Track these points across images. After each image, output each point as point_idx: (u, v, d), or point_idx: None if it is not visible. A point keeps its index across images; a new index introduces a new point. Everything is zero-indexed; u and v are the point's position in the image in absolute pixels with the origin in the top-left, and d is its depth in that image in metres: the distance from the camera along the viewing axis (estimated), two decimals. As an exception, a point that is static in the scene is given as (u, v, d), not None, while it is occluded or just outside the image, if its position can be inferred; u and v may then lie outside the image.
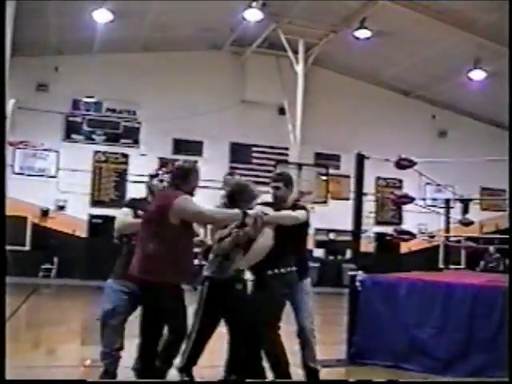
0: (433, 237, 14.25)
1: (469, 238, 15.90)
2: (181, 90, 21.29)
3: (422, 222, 19.99)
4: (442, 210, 12.02)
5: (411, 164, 7.95)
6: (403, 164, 7.91)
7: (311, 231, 22.30)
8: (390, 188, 22.90)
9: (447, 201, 12.06)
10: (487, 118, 25.48)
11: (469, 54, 19.41)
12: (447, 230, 11.38)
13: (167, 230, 4.66)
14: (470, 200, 13.07)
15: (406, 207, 19.24)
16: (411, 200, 8.78)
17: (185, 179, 4.97)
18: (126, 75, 20.61)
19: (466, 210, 11.78)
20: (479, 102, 23.58)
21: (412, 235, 8.65)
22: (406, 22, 18.30)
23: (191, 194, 4.97)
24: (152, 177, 5.51)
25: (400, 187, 22.62)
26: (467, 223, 11.40)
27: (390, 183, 23.40)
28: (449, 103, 24.63)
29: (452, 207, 12.19)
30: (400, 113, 23.72)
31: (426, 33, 18.58)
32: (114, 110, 21.47)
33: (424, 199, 16.18)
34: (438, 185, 15.73)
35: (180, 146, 21.96)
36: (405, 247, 21.46)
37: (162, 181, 5.42)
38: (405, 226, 17.84)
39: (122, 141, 21.58)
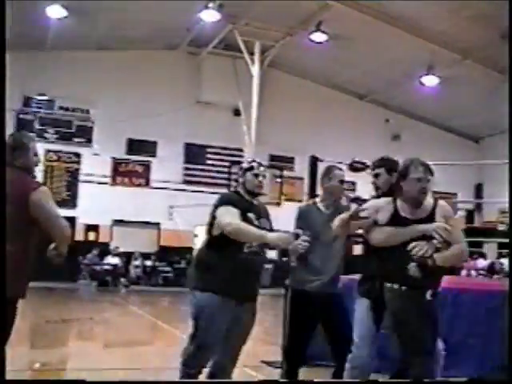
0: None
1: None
2: (135, 90, 21.14)
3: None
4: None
5: (364, 167, 7.98)
6: (356, 167, 7.94)
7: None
8: (345, 191, 23.05)
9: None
10: (439, 122, 25.95)
11: (422, 60, 19.73)
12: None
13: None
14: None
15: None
16: (364, 202, 8.84)
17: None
18: (79, 73, 20.33)
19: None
20: (432, 107, 23.97)
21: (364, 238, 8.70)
22: (361, 27, 18.51)
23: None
24: (246, 170, 4.64)
25: (353, 190, 22.79)
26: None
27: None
28: (402, 107, 25.00)
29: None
30: (354, 116, 23.96)
31: (381, 38, 18.82)
32: (66, 109, 21.17)
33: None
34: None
35: (134, 145, 21.80)
36: (358, 249, 21.64)
37: (257, 175, 4.62)
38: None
39: (75, 140, 21.29)
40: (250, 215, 4.41)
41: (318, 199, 5.24)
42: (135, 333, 10.32)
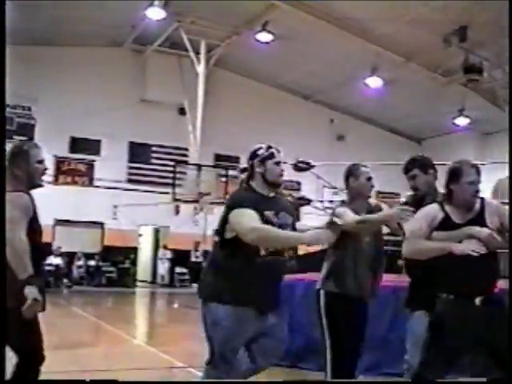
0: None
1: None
2: (79, 87, 20.79)
3: (319, 224, 20.34)
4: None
5: (309, 167, 8.06)
6: (301, 166, 8.01)
7: (209, 232, 22.35)
8: (289, 190, 23.17)
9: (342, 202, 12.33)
10: (383, 123, 26.35)
11: (367, 62, 19.99)
12: (343, 231, 11.63)
13: None
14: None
15: (304, 209, 19.52)
16: (309, 202, 8.92)
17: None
18: (21, 69, 19.82)
19: (361, 213, 12.07)
20: (376, 108, 24.32)
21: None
22: (307, 28, 18.63)
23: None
24: (265, 159, 4.16)
25: (298, 189, 22.94)
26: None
27: (289, 185, 23.67)
28: (347, 108, 25.29)
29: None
30: (300, 116, 24.12)
31: (327, 39, 18.99)
32: (7, 105, 20.64)
33: (322, 201, 16.47)
34: (335, 188, 16.05)
35: (77, 144, 21.46)
36: (302, 249, 21.74)
37: (278, 163, 4.24)
38: (302, 228, 18.10)
39: (16, 137, 20.76)
40: (268, 213, 3.90)
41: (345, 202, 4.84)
42: (78, 334, 10.14)
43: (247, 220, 3.74)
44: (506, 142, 23.22)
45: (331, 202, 15.37)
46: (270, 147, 4.19)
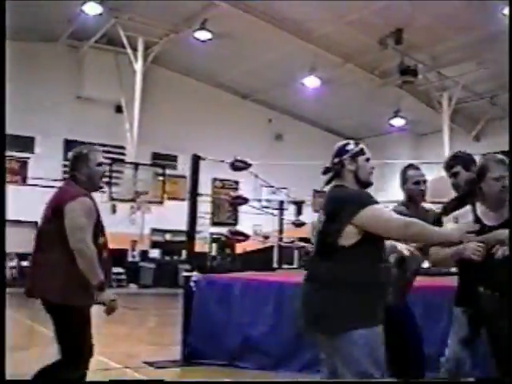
0: (267, 237, 14.57)
1: (301, 239, 16.44)
2: (12, 82, 20.16)
3: (257, 223, 20.36)
4: (276, 212, 12.32)
5: (246, 166, 8.05)
6: (238, 166, 8.00)
7: (147, 231, 22.14)
8: (226, 189, 23.20)
9: (281, 202, 12.41)
10: (321, 123, 26.60)
11: (305, 62, 20.13)
12: (281, 230, 11.72)
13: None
14: (303, 202, 13.50)
15: (242, 208, 19.48)
16: (246, 201, 8.91)
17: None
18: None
19: (299, 212, 12.17)
20: (314, 108, 24.53)
21: (246, 236, 8.77)
22: (246, 27, 18.65)
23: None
24: (355, 155, 3.59)
25: (236, 188, 22.95)
26: (300, 224, 11.79)
27: (227, 184, 23.68)
28: (285, 108, 25.42)
29: (286, 209, 12.55)
30: (238, 115, 24.12)
31: (265, 38, 19.03)
32: None
33: (259, 200, 16.50)
34: (272, 186, 16.12)
35: (9, 141, 20.80)
36: (240, 248, 21.79)
37: (368, 159, 3.60)
38: (240, 227, 18.12)
39: None
40: None
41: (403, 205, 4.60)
42: (12, 337, 9.87)
43: (393, 215, 3.41)
44: (439, 142, 23.88)
45: (269, 201, 15.42)
46: (357, 143, 3.62)
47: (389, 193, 11.50)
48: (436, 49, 19.42)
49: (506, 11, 15.99)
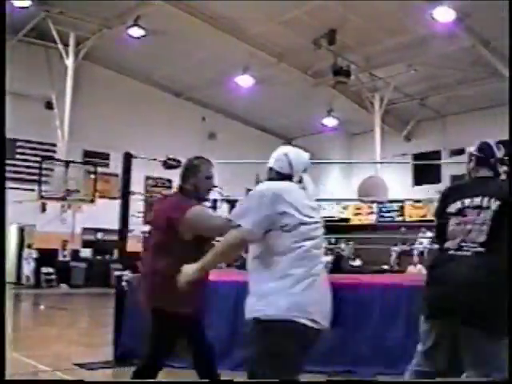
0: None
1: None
2: None
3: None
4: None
5: (178, 164, 7.98)
6: (170, 164, 7.92)
7: (78, 231, 21.74)
8: (159, 188, 22.98)
9: (215, 201, 12.36)
10: (254, 122, 26.70)
11: (239, 60, 20.16)
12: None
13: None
14: (236, 201, 13.49)
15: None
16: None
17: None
18: None
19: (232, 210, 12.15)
20: (247, 107, 24.59)
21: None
22: (180, 24, 18.52)
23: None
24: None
25: (169, 187, 22.76)
26: (233, 223, 11.77)
27: (160, 183, 23.47)
28: (219, 106, 25.39)
29: (219, 207, 12.51)
30: (171, 113, 23.94)
31: (200, 36, 18.95)
32: None
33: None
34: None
35: None
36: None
37: None
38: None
39: None
40: None
41: None
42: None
43: None
44: (370, 142, 24.30)
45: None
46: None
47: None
48: (368, 50, 19.76)
49: (436, 15, 16.42)
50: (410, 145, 25.78)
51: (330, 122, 24.95)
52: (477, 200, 3.24)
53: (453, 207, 3.32)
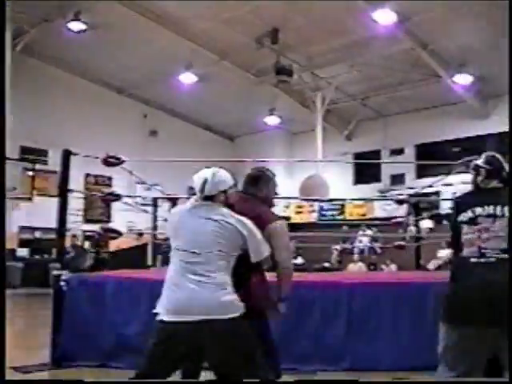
0: (141, 235, 14.38)
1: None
2: None
3: (131, 219, 20.05)
4: (150, 209, 12.18)
5: (119, 162, 7.86)
6: (111, 161, 7.79)
7: (15, 229, 21.21)
8: (100, 185, 22.63)
9: (155, 199, 12.27)
10: (196, 120, 26.57)
11: (181, 58, 20.03)
12: (155, 227, 11.60)
13: None
14: (178, 198, 13.39)
15: (115, 205, 19.19)
16: (118, 198, 8.70)
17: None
18: None
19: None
20: (189, 105, 24.47)
21: (119, 233, 8.58)
22: (122, 20, 18.26)
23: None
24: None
25: (109, 185, 22.45)
26: (174, 221, 11.70)
27: (100, 181, 23.13)
28: (161, 103, 25.17)
29: (160, 205, 12.41)
30: (113, 110, 23.59)
31: (142, 33, 18.75)
32: None
33: (133, 197, 16.24)
34: (144, 183, 15.91)
35: None
36: (114, 245, 21.35)
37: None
38: (114, 224, 17.78)
39: None
40: None
41: None
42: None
43: None
44: (312, 141, 24.46)
45: (144, 198, 15.23)
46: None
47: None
48: (311, 50, 19.90)
49: (377, 17, 16.65)
50: (351, 144, 26.11)
51: (273, 120, 25.05)
52: (489, 208, 3.40)
53: (464, 216, 3.45)
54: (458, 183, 15.60)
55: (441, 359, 3.43)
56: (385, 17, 16.68)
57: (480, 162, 3.67)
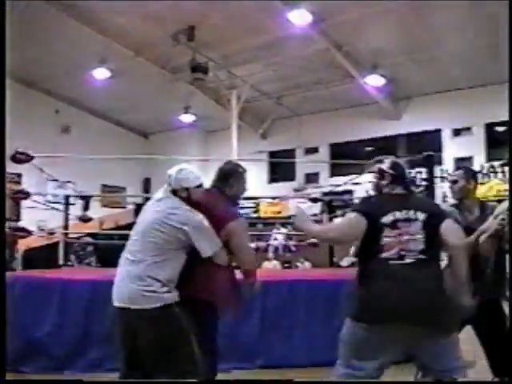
0: (52, 233, 14.00)
1: (89, 234, 16.03)
2: None
3: (41, 218, 19.48)
4: (62, 207, 11.89)
5: (28, 158, 7.63)
6: (19, 158, 7.55)
7: None
8: (8, 183, 21.82)
9: (67, 197, 11.99)
10: (110, 116, 26.09)
11: (95, 52, 19.60)
12: (66, 226, 11.34)
13: None
14: (91, 197, 13.13)
15: (25, 203, 18.57)
16: (27, 195, 8.46)
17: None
18: None
19: (86, 207, 11.82)
20: (103, 101, 24.00)
21: (28, 232, 8.33)
22: (34, 12, 17.66)
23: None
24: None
25: (19, 182, 21.74)
26: (86, 219, 11.51)
27: (8, 178, 22.29)
28: (73, 99, 24.54)
29: (73, 204, 12.14)
30: (22, 105, 22.81)
31: (53, 25, 18.21)
32: None
33: (45, 195, 15.77)
34: (56, 180, 15.51)
35: None
36: (24, 245, 20.69)
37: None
38: (23, 223, 17.23)
39: None
40: None
41: None
42: None
43: None
44: (227, 139, 24.39)
45: (56, 196, 14.84)
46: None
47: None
48: (227, 48, 19.89)
49: (292, 17, 16.81)
50: (266, 143, 26.30)
51: (188, 118, 24.90)
52: (405, 213, 3.56)
53: (386, 219, 3.55)
54: (369, 182, 15.96)
55: (345, 354, 3.51)
56: (300, 17, 16.85)
57: (385, 166, 3.79)
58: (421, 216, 3.53)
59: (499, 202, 4.20)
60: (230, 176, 4.32)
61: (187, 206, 3.88)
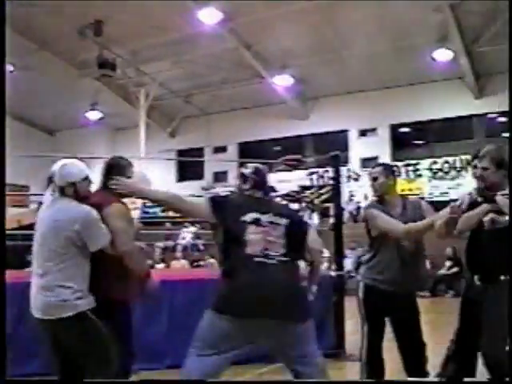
0: None
1: None
2: None
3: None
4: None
5: None
6: None
7: None
8: None
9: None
10: (13, 112, 25.19)
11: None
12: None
13: None
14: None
15: None
16: None
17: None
18: None
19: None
20: (6, 96, 23.16)
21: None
22: None
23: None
24: None
25: None
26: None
27: None
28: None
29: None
30: None
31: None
32: None
33: None
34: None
35: None
36: None
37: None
38: None
39: None
40: None
41: None
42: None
43: None
44: (135, 137, 23.99)
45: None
46: None
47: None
48: (135, 45, 19.66)
49: (202, 15, 16.80)
50: (174, 141, 26.13)
51: (94, 115, 24.42)
52: (268, 216, 3.68)
53: (249, 217, 3.63)
54: (276, 181, 16.13)
55: (200, 341, 3.59)
56: (210, 16, 16.86)
57: (247, 171, 4.02)
58: (283, 221, 3.68)
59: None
60: (112, 168, 4.22)
61: (75, 202, 3.83)
